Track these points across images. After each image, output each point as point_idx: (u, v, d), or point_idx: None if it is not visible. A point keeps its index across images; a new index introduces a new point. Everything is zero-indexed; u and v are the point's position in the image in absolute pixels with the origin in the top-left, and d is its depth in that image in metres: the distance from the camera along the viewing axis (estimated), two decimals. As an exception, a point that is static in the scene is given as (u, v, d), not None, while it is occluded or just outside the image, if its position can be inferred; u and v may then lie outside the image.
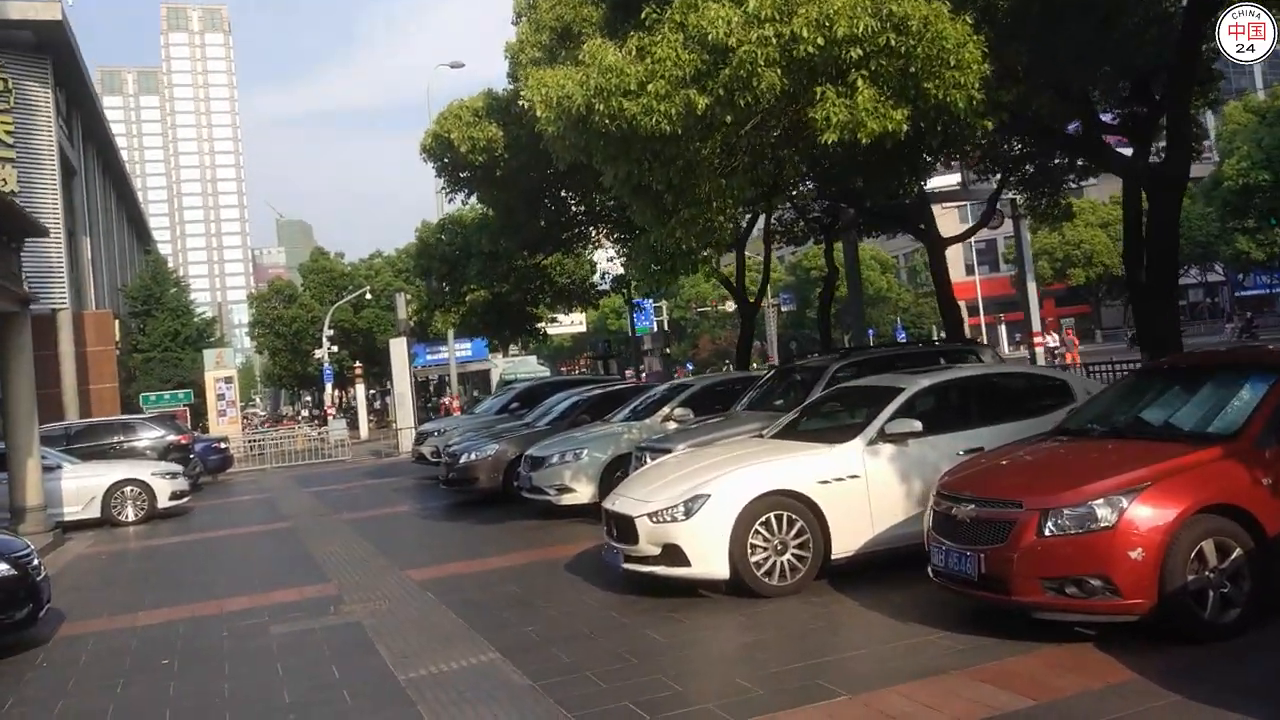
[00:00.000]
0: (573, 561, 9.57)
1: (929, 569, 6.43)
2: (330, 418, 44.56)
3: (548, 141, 9.41)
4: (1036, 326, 30.54)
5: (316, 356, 48.73)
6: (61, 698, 6.53)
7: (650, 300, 66.39)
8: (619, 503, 7.94)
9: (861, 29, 7.57)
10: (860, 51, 7.71)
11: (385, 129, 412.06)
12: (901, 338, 76.14)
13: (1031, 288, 30.67)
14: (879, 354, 11.84)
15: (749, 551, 7.34)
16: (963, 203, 42.59)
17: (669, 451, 10.18)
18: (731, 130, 8.21)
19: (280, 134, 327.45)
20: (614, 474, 12.00)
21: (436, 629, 7.40)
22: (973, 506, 6.12)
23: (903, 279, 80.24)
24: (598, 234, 18.92)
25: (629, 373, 30.51)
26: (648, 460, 10.40)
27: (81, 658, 7.52)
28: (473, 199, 17.84)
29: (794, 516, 7.47)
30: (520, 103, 9.41)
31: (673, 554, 7.43)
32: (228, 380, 38.25)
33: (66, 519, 15.93)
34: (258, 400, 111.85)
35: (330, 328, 47.46)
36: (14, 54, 31.31)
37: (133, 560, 12.76)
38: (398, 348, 29.29)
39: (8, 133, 30.48)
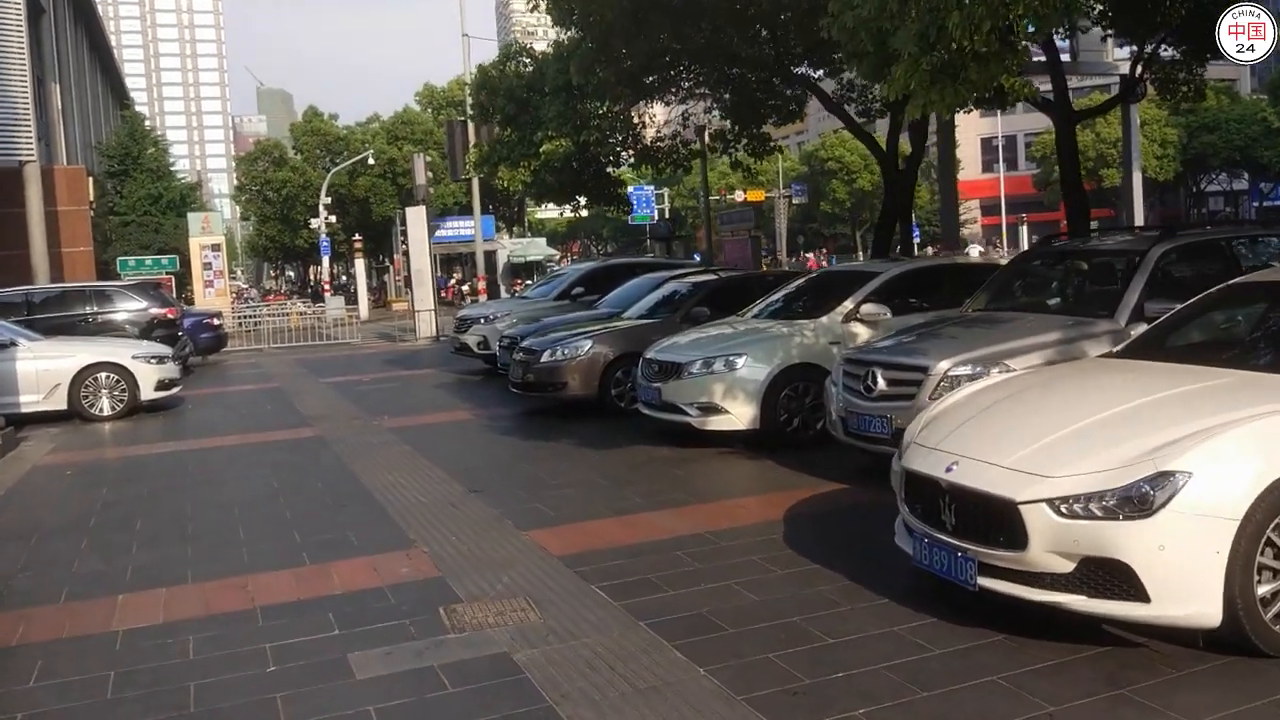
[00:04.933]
0: (794, 532, 6.22)
1: None
2: (327, 294, 40.93)
3: None
4: (1140, 223, 26.90)
5: (313, 226, 44.67)
6: None
7: (651, 187, 61.97)
8: (961, 467, 4.50)
9: None
10: None
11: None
12: (916, 235, 72.33)
13: (1138, 179, 26.89)
14: (1216, 236, 8.29)
15: (1255, 580, 3.98)
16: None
17: (918, 370, 6.80)
18: None
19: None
20: (780, 393, 8.67)
21: (673, 693, 4.03)
22: None
23: (924, 175, 75.85)
24: (692, 79, 14.95)
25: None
26: (879, 380, 7.03)
27: (12, 729, 4.14)
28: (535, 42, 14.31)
29: (1321, 518, 4.09)
30: None
31: (1109, 577, 4.04)
32: (215, 248, 34.45)
33: (23, 410, 12.55)
34: (239, 273, 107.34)
35: (326, 195, 43.26)
36: None
37: (108, 480, 9.30)
38: (416, 217, 25.48)
39: (-42, -55, 25.81)
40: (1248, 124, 56.65)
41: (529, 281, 47.61)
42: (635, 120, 16.87)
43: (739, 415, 8.64)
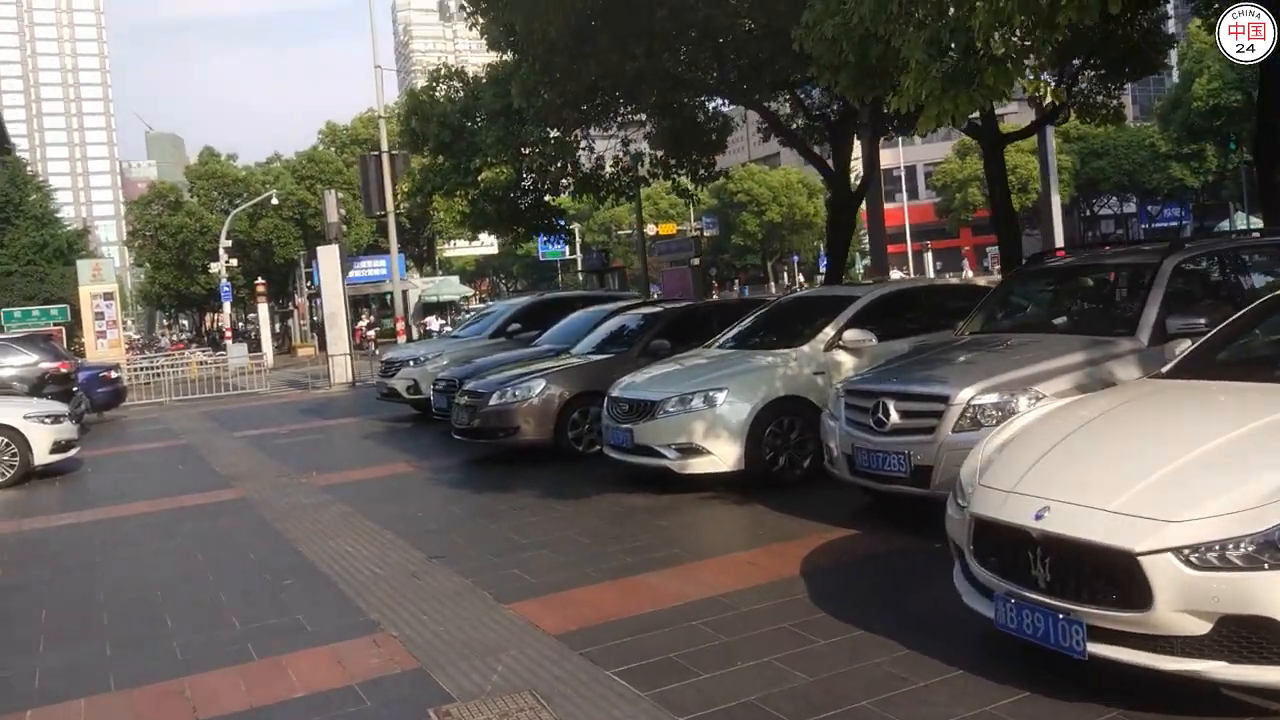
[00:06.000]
0: (819, 590, 5.45)
1: None
2: (228, 342, 38.99)
3: None
4: (1060, 246, 27.23)
5: (214, 271, 42.65)
6: None
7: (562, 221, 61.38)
8: (1056, 513, 3.83)
9: None
10: None
11: (267, 40, 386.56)
12: (824, 265, 73.16)
13: (1056, 202, 27.27)
14: (1226, 246, 7.84)
15: None
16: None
17: (937, 399, 6.17)
18: None
19: (150, 41, 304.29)
20: (765, 429, 7.99)
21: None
22: None
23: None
24: (630, 106, 14.28)
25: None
26: (892, 413, 6.37)
27: None
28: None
29: None
30: None
31: (1255, 638, 3.41)
32: (107, 296, 32.37)
33: (-103, 483, 11.15)
34: (130, 323, 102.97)
35: (227, 239, 41.39)
36: None
37: (2, 560, 8.07)
38: (328, 257, 24.24)
39: None
40: (1135, 149, 59.19)
41: (442, 321, 46.61)
42: (580, 146, 16.18)
43: (722, 456, 7.91)
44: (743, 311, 10.53)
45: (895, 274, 44.05)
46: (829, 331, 8.47)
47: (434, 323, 45.34)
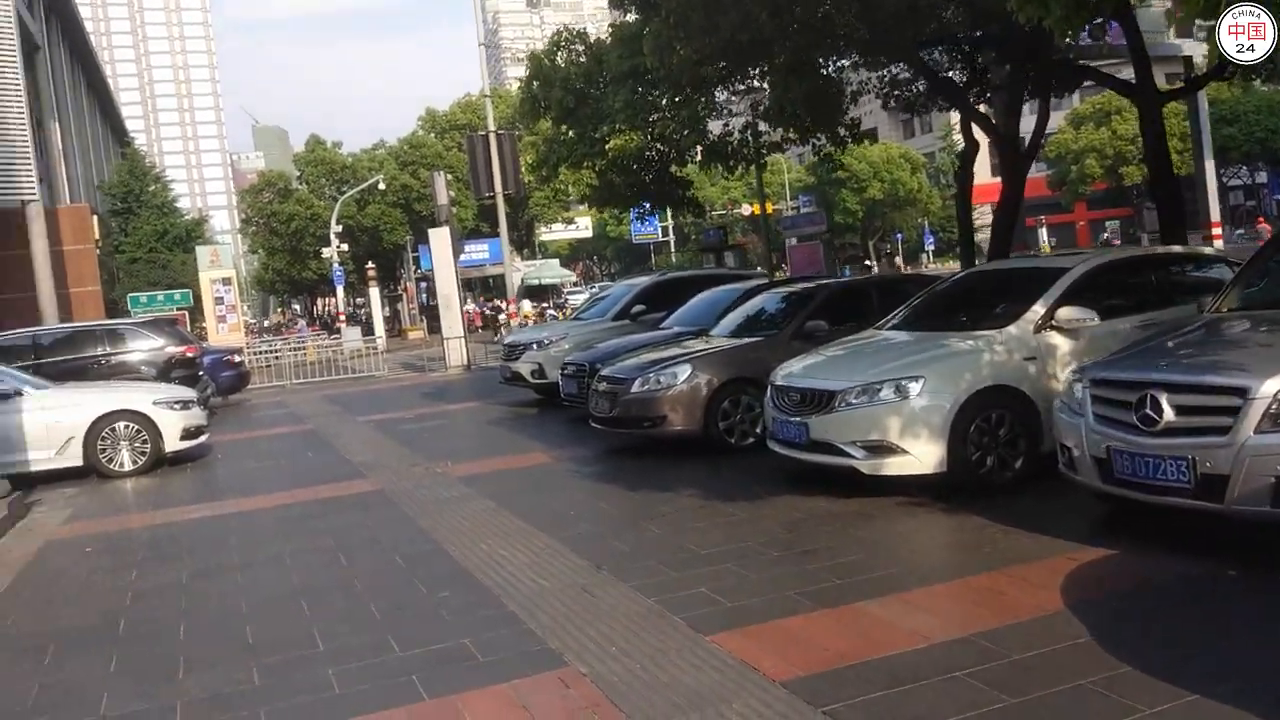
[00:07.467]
0: (1102, 631, 4.36)
1: None
2: (342, 326, 39.26)
3: None
4: (1216, 217, 25.30)
5: (325, 256, 43.07)
6: None
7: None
8: None
9: None
10: None
11: (360, 33, 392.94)
12: (930, 243, 70.38)
13: (1210, 168, 25.30)
14: None
15: None
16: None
17: (1233, 392, 5.08)
18: None
19: (254, 37, 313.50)
20: (970, 424, 6.93)
21: None
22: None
23: (934, 180, 73.31)
24: (756, 71, 13.17)
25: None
26: (1165, 408, 5.24)
27: None
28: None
29: None
30: None
31: None
32: (226, 281, 33.01)
33: (33, 469, 11.07)
34: (246, 308, 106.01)
35: (337, 224, 41.70)
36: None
37: (137, 559, 7.56)
38: (439, 239, 23.77)
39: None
40: (1267, 115, 55.12)
41: (545, 304, 46.21)
42: (710, 112, 15.12)
43: (921, 456, 6.87)
44: (906, 289, 9.48)
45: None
46: (1038, 309, 7.34)
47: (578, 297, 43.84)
